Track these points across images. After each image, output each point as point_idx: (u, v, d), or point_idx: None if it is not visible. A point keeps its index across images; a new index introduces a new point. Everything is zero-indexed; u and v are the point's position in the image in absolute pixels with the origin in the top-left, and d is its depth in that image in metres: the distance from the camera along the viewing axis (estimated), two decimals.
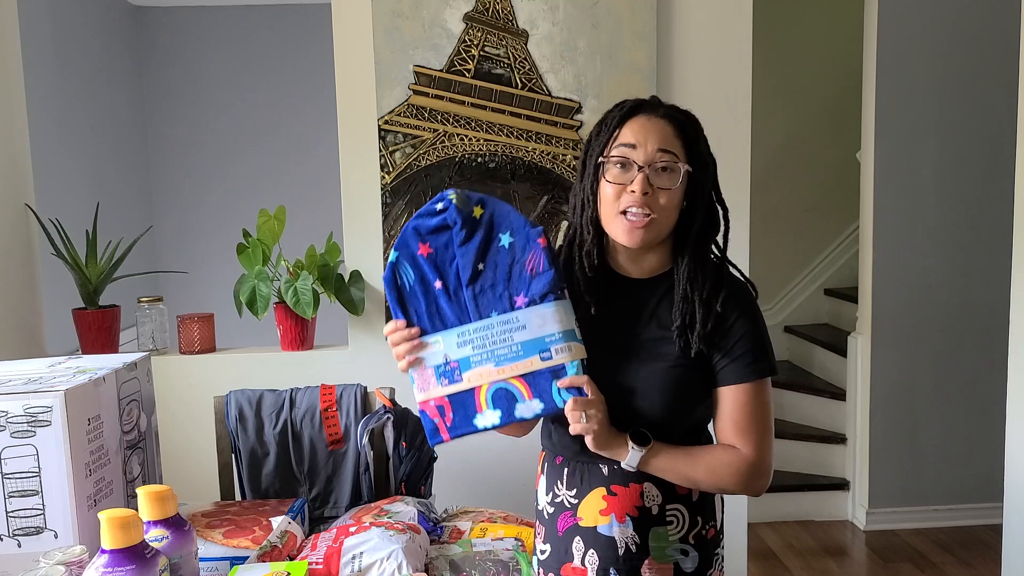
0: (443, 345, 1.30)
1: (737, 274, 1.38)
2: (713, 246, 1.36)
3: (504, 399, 1.27)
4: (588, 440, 1.25)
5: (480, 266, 1.30)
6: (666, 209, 1.28)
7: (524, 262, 1.29)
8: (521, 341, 1.27)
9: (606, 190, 1.30)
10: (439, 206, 1.31)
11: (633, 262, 1.35)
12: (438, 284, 1.31)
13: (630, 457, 1.27)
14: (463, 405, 1.29)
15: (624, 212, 1.28)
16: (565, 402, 1.25)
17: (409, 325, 1.31)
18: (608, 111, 1.34)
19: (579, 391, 1.25)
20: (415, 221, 1.33)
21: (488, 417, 1.28)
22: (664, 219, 1.29)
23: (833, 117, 4.25)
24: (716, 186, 1.35)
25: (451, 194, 1.30)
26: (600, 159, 1.31)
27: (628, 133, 1.29)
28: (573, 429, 1.25)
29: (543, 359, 1.26)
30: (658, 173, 1.27)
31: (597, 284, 1.35)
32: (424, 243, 1.31)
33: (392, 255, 1.33)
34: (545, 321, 1.27)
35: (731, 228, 1.39)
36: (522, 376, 1.27)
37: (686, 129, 1.31)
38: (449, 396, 1.29)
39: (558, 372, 1.26)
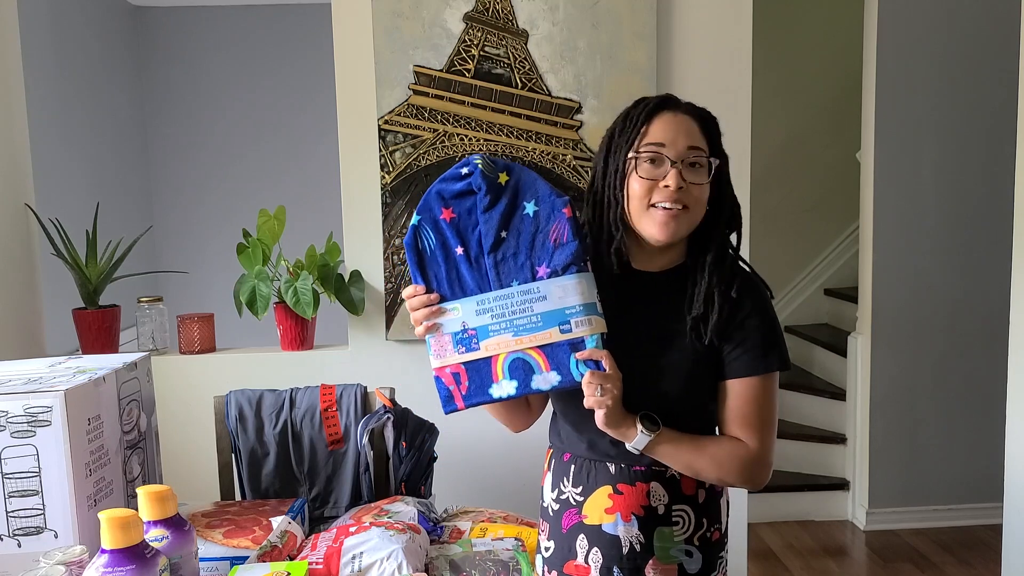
0: (461, 312, 1.29)
1: (747, 269, 1.39)
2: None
3: (521, 369, 1.27)
4: (599, 415, 1.24)
5: (503, 234, 1.28)
6: (699, 203, 1.29)
7: (548, 232, 1.28)
8: (541, 312, 1.26)
9: (635, 186, 1.28)
10: (464, 171, 1.29)
11: (649, 257, 1.35)
12: (459, 250, 1.30)
13: (637, 439, 1.27)
14: (479, 373, 1.28)
15: (654, 205, 1.28)
16: (582, 375, 1.24)
17: (428, 290, 1.30)
18: (630, 108, 1.33)
19: (597, 365, 1.25)
20: (439, 185, 1.31)
21: (504, 387, 1.27)
22: (696, 213, 1.30)
23: (833, 117, 4.25)
24: (729, 182, 1.36)
25: (477, 159, 1.29)
26: (631, 155, 1.29)
27: (657, 131, 1.29)
28: (587, 402, 1.24)
29: (562, 331, 1.25)
30: (689, 168, 1.28)
31: (615, 277, 1.34)
32: (447, 207, 1.30)
33: (414, 218, 1.31)
34: (566, 293, 1.26)
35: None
36: (540, 347, 1.26)
37: (708, 125, 1.32)
38: (465, 364, 1.28)
39: (577, 345, 1.25)
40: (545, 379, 1.26)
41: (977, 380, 3.50)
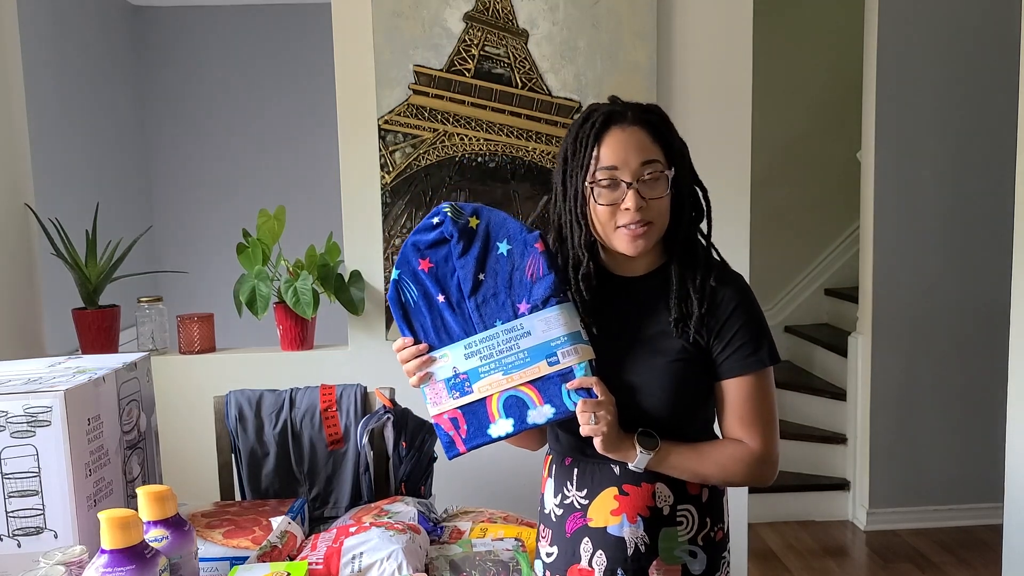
0: (451, 358, 1.31)
1: (719, 259, 1.38)
2: (702, 238, 1.36)
3: (515, 407, 1.28)
4: (597, 442, 1.25)
5: (481, 276, 1.31)
6: (663, 213, 1.30)
7: (524, 268, 1.30)
8: (527, 347, 1.28)
9: (599, 213, 1.29)
10: (435, 220, 1.32)
11: (628, 262, 1.35)
12: (441, 298, 1.32)
13: (638, 459, 1.27)
14: (476, 416, 1.30)
15: (621, 226, 1.28)
16: (575, 404, 1.25)
17: (416, 341, 1.32)
18: (579, 126, 1.31)
19: (589, 392, 1.25)
20: (413, 237, 1.34)
21: (501, 426, 1.28)
22: (661, 224, 1.30)
23: (833, 117, 4.25)
24: (691, 169, 1.34)
25: (446, 207, 1.32)
26: (587, 182, 1.29)
27: (608, 153, 1.28)
28: (583, 431, 1.25)
29: (550, 364, 1.27)
30: (646, 185, 1.27)
31: (595, 293, 1.34)
32: (424, 258, 1.33)
33: (394, 273, 1.34)
34: (549, 326, 1.27)
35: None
36: (531, 382, 1.27)
37: (659, 129, 1.30)
38: (461, 408, 1.30)
39: (567, 375, 1.26)
40: (540, 413, 1.27)
41: (977, 380, 3.50)
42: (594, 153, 1.28)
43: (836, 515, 3.68)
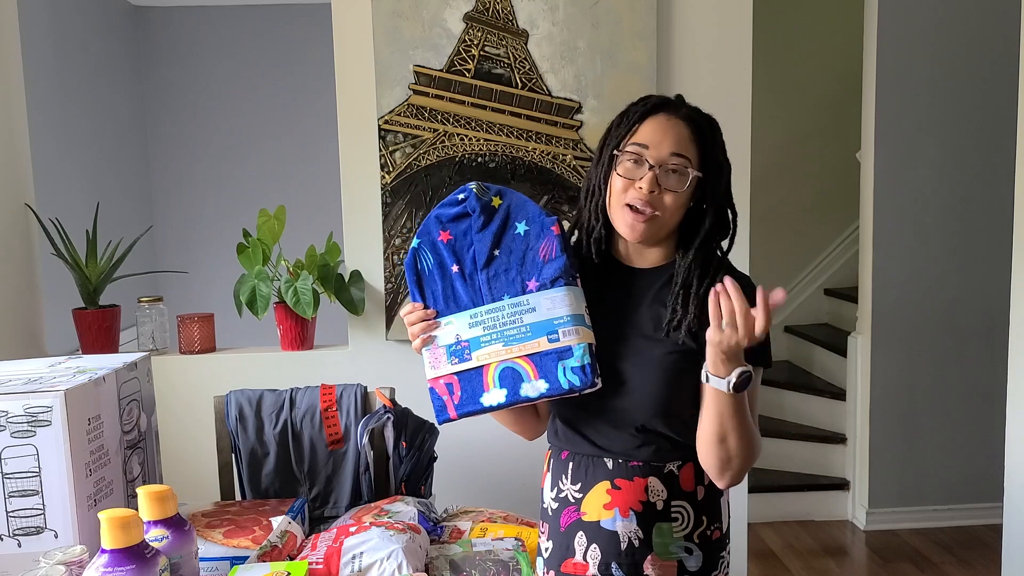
0: (456, 326, 1.34)
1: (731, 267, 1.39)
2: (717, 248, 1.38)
3: (510, 378, 1.30)
4: (721, 339, 1.18)
5: (496, 251, 1.34)
6: (670, 209, 1.31)
7: (538, 248, 1.33)
8: (530, 323, 1.31)
9: (616, 182, 1.32)
10: (460, 196, 1.37)
11: (637, 253, 1.37)
12: (455, 268, 1.36)
13: (738, 373, 1.20)
14: (471, 383, 1.32)
15: (629, 206, 1.30)
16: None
17: (426, 307, 1.36)
18: (632, 103, 1.37)
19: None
20: (437, 210, 1.38)
21: (494, 395, 1.31)
22: (667, 218, 1.31)
23: (833, 117, 4.25)
24: (728, 189, 1.37)
25: (472, 185, 1.37)
26: (615, 151, 1.33)
27: (646, 131, 1.31)
28: (711, 333, 1.19)
29: (550, 340, 1.29)
30: (667, 174, 1.29)
31: (600, 271, 1.37)
32: (444, 230, 1.37)
33: (414, 241, 1.38)
34: (555, 304, 1.30)
35: None
36: (529, 356, 1.30)
37: (703, 133, 1.33)
38: (458, 374, 1.33)
39: (564, 354, 1.29)
40: (534, 387, 1.29)
41: (977, 380, 3.50)
42: (635, 128, 1.32)
43: (836, 515, 3.68)
